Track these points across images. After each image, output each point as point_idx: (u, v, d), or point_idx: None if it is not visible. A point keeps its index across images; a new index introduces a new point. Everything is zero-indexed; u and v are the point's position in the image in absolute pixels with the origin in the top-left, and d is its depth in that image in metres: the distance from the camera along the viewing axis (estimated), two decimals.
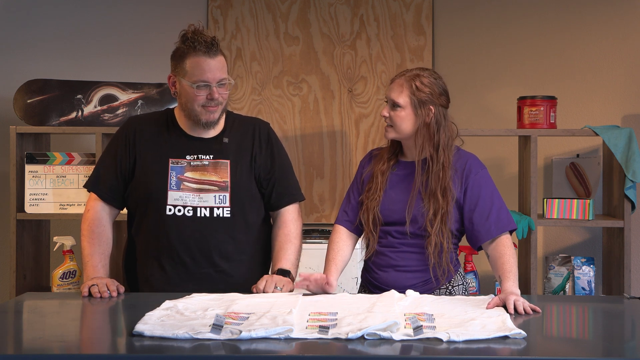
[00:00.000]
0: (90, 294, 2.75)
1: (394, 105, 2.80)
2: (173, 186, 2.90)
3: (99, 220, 2.96)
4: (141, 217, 2.96)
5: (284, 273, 2.89)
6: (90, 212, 2.97)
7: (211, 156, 2.93)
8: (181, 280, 2.90)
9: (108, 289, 2.76)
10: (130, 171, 2.95)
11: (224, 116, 3.00)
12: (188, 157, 2.92)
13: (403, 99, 2.79)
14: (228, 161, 2.93)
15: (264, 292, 2.76)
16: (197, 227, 2.90)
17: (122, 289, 2.81)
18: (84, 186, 3.04)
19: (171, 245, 2.90)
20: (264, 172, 2.99)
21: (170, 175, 2.90)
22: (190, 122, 2.93)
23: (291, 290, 2.81)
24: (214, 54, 2.84)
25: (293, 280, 2.90)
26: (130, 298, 2.76)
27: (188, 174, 2.91)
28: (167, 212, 2.90)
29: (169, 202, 2.90)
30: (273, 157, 3.01)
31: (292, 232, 2.99)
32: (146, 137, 2.96)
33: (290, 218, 3.02)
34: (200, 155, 2.93)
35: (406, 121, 2.79)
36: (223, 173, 2.92)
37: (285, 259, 2.94)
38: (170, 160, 2.92)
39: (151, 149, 2.95)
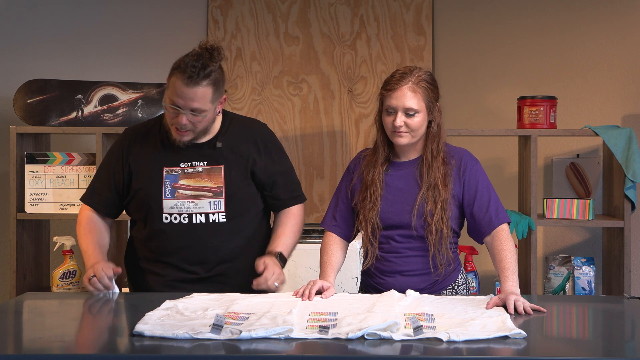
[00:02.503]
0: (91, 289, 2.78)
1: (409, 113, 2.72)
2: (167, 195, 2.90)
3: (94, 219, 3.00)
4: (141, 224, 2.99)
5: (281, 259, 2.93)
6: (84, 213, 3.02)
7: (205, 162, 2.92)
8: (180, 285, 2.91)
9: (106, 280, 2.78)
10: (125, 184, 2.96)
11: (220, 118, 2.97)
12: (182, 165, 2.92)
13: (418, 104, 2.72)
14: (222, 167, 2.92)
15: (264, 280, 2.80)
16: (194, 234, 2.90)
17: (118, 269, 2.83)
18: (80, 199, 3.06)
19: (169, 252, 2.92)
20: (265, 176, 2.97)
21: (165, 184, 2.91)
22: None
23: (282, 282, 2.87)
24: (193, 84, 2.74)
25: (285, 261, 2.95)
26: (130, 298, 2.76)
27: (182, 182, 2.91)
28: (164, 221, 2.90)
29: (164, 211, 2.90)
30: (274, 161, 3.00)
31: (294, 214, 3.04)
32: (139, 149, 2.96)
33: (295, 211, 3.06)
34: (194, 162, 2.93)
35: (422, 125, 2.76)
36: (217, 179, 2.91)
37: (284, 236, 2.98)
38: (165, 169, 2.92)
39: (145, 159, 2.95)
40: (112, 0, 4.56)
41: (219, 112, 2.94)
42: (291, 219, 3.02)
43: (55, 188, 4.02)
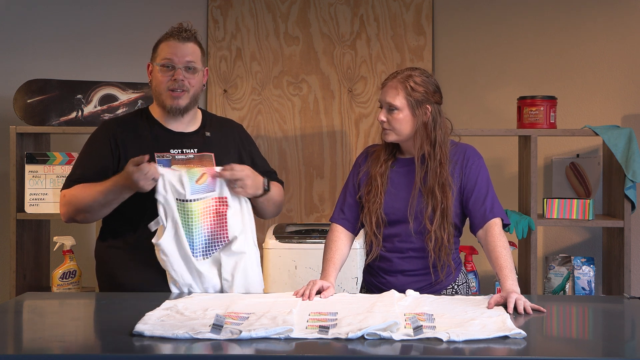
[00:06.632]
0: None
1: (391, 109, 2.79)
2: None
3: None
4: (124, 213, 2.92)
5: (267, 184, 2.99)
6: (68, 190, 2.92)
7: (195, 150, 2.97)
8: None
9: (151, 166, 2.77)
10: (114, 170, 2.91)
11: (199, 112, 3.06)
12: (172, 151, 2.94)
13: (400, 101, 2.78)
14: (212, 154, 2.96)
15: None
16: None
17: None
18: (62, 189, 2.95)
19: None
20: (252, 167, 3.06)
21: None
22: (163, 111, 2.97)
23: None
24: (184, 39, 2.92)
25: (266, 190, 2.96)
26: (130, 298, 2.76)
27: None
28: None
29: None
30: (253, 155, 3.11)
31: (277, 184, 3.11)
32: (128, 137, 2.96)
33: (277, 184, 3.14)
34: (184, 150, 2.96)
35: (405, 123, 2.79)
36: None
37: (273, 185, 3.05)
38: (156, 155, 2.92)
39: (134, 146, 2.94)
40: (112, 0, 4.56)
41: (204, 86, 3.04)
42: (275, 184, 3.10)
43: (55, 188, 4.01)
